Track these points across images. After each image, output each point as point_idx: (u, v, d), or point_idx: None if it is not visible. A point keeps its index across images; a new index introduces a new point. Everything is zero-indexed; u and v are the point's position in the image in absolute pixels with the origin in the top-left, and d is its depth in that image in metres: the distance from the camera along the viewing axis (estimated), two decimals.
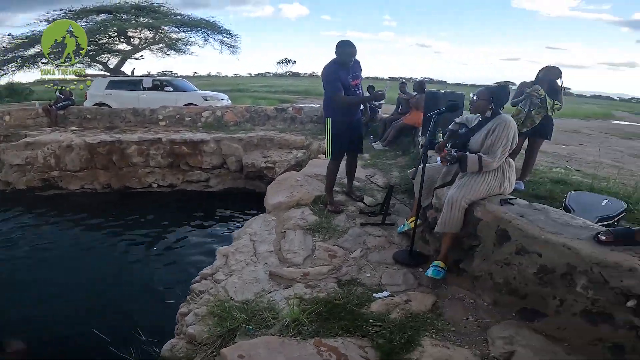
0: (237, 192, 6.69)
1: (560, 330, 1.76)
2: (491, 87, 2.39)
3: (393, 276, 2.37)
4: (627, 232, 1.73)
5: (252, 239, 2.90)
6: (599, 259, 1.67)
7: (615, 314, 1.62)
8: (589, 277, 1.70)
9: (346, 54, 3.12)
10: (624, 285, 1.58)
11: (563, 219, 1.98)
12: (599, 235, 1.74)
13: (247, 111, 8.22)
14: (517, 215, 2.04)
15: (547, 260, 1.84)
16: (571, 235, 1.84)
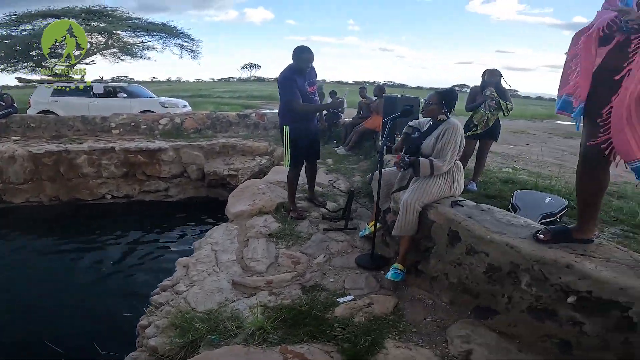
0: (199, 201, 6.54)
1: (512, 327, 1.87)
2: (441, 91, 2.51)
3: (356, 280, 2.43)
4: (563, 230, 1.85)
5: (214, 249, 2.87)
6: (539, 257, 1.76)
7: (558, 310, 1.72)
8: (531, 274, 1.79)
9: (304, 60, 3.13)
10: (563, 281, 1.68)
11: (506, 219, 2.11)
12: (538, 233, 1.86)
13: (208, 118, 8.06)
14: (466, 216, 2.15)
15: (493, 260, 1.95)
16: (513, 234, 1.95)
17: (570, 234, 1.82)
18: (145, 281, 3.83)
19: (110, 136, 7.47)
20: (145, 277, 4.00)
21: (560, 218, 2.97)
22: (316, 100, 3.37)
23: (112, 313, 3.33)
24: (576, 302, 1.64)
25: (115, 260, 4.55)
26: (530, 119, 18.56)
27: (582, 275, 1.61)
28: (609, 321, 1.55)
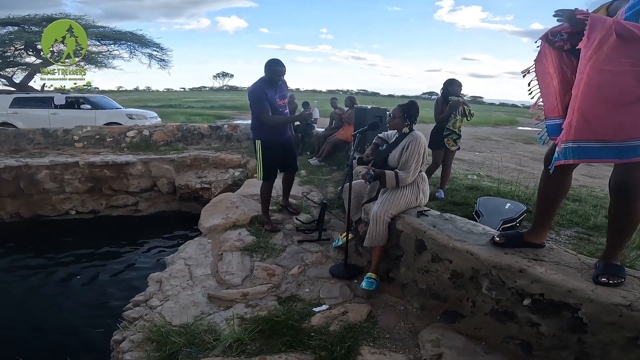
0: (171, 215, 6.47)
1: (478, 330, 1.99)
2: (403, 104, 2.67)
3: (331, 290, 2.53)
4: (516, 235, 2.02)
5: (187, 263, 2.90)
6: (495, 262, 1.89)
7: (517, 312, 1.84)
8: (490, 279, 1.92)
9: (275, 73, 3.21)
10: (518, 285, 1.81)
11: (467, 227, 2.27)
12: (494, 238, 2.02)
13: (178, 130, 8.00)
14: (431, 225, 2.30)
15: (456, 266, 2.08)
16: (473, 241, 2.09)
17: (523, 238, 1.98)
18: (116, 297, 3.77)
19: (73, 150, 7.28)
20: (116, 293, 3.94)
21: (520, 222, 3.19)
22: (287, 113, 3.46)
23: (82, 329, 3.28)
24: (531, 304, 1.77)
25: (83, 276, 4.45)
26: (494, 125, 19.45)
27: (534, 279, 1.74)
28: (562, 322, 1.68)
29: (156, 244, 5.44)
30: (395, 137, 2.67)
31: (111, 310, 2.99)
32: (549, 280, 1.70)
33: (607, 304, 1.55)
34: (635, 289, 1.61)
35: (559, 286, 1.67)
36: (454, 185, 4.44)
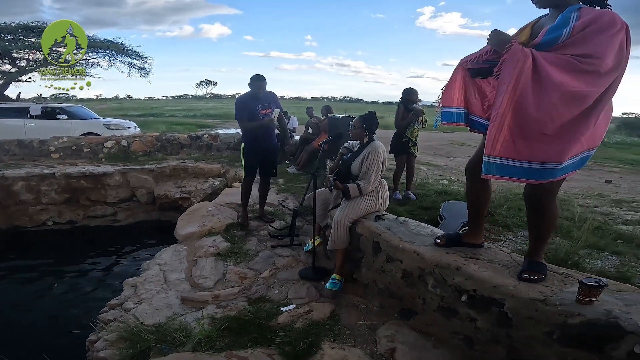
0: (150, 225, 6.60)
1: (428, 326, 2.17)
2: (363, 115, 2.94)
3: (298, 291, 2.75)
4: (455, 236, 2.28)
5: (162, 269, 3.09)
6: (437, 261, 2.10)
7: (458, 308, 2.00)
8: (434, 277, 2.13)
9: (255, 86, 3.75)
10: (456, 282, 2.00)
11: (417, 229, 2.54)
12: (437, 239, 2.27)
13: (157, 140, 8.16)
14: (385, 228, 2.56)
15: (406, 266, 2.31)
16: (420, 242, 2.32)
17: (461, 238, 2.23)
18: (93, 303, 3.88)
19: (49, 161, 7.39)
20: (93, 299, 4.07)
21: None
22: None
23: (59, 333, 3.41)
24: (468, 300, 1.95)
25: (60, 284, 4.58)
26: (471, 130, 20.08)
27: (468, 276, 1.95)
28: (493, 317, 1.84)
29: (135, 253, 5.58)
30: (358, 147, 2.94)
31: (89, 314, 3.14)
32: (480, 277, 1.90)
33: (525, 299, 1.72)
34: (555, 284, 1.80)
35: (487, 282, 1.86)
36: (425, 190, 4.75)
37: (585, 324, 1.53)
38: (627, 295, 1.67)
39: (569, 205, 4.44)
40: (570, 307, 1.60)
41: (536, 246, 1.92)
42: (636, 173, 8.69)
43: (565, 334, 1.59)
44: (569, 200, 4.82)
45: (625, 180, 7.48)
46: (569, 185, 6.13)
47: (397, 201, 4.31)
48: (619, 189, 6.25)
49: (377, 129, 2.94)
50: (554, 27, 1.65)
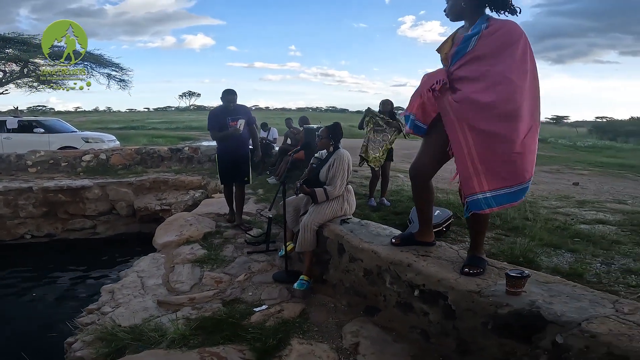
0: (130, 237, 6.68)
1: (390, 322, 2.31)
2: (329, 126, 3.18)
3: (271, 292, 2.93)
4: (408, 235, 2.48)
5: (140, 275, 3.25)
6: (392, 259, 2.28)
7: (412, 303, 2.15)
8: (390, 274, 2.29)
9: (226, 100, 4.17)
10: (408, 278, 2.15)
11: (377, 231, 2.76)
12: (392, 239, 2.48)
13: (137, 153, 8.25)
14: (349, 231, 2.78)
15: (366, 264, 2.51)
16: (379, 242, 2.52)
17: (413, 237, 2.43)
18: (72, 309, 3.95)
19: (27, 175, 7.43)
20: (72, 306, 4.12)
21: (448, 227, 3.72)
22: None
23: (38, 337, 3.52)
24: (420, 294, 2.11)
25: (39, 294, 4.66)
26: None
27: (417, 272, 2.12)
28: (440, 310, 1.97)
29: (114, 263, 5.67)
30: (326, 155, 3.18)
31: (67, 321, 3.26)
32: (427, 272, 2.08)
33: (464, 291, 1.87)
34: (491, 277, 1.94)
35: (433, 277, 2.03)
36: (400, 197, 5.00)
37: (513, 314, 1.65)
38: (553, 286, 1.81)
39: (533, 206, 4.73)
40: (500, 298, 1.73)
41: (476, 241, 2.13)
42: (604, 175, 9.14)
43: (497, 324, 1.70)
44: (534, 202, 5.13)
45: (593, 182, 7.88)
46: (537, 188, 6.48)
47: (371, 208, 4.55)
48: (585, 191, 6.62)
49: (342, 138, 3.18)
50: (466, 37, 1.92)
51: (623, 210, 4.83)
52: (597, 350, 1.37)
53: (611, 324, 1.45)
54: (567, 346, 1.44)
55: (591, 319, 1.48)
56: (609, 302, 1.63)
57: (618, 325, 1.43)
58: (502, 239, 3.52)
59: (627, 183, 8.09)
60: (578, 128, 42.79)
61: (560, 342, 1.46)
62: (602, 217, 4.43)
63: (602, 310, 1.56)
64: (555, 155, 15.75)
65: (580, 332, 1.43)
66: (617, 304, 1.61)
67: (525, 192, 1.90)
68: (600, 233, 3.72)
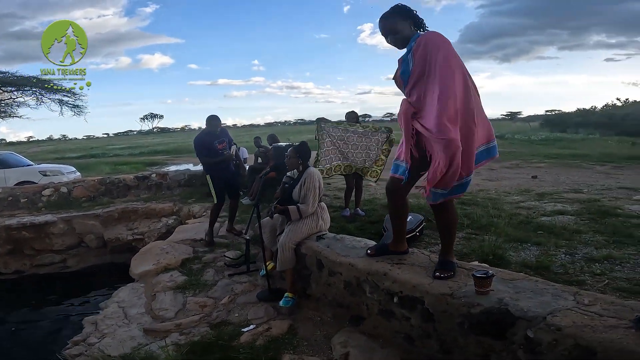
0: (103, 267, 6.49)
1: (375, 329, 2.39)
2: (296, 146, 3.30)
3: (257, 312, 2.99)
4: (382, 246, 2.60)
5: (121, 306, 3.24)
6: (368, 270, 2.38)
7: (393, 309, 2.21)
8: (369, 284, 2.38)
9: (212, 126, 4.60)
10: (386, 286, 2.24)
11: (352, 244, 2.88)
12: (368, 250, 2.59)
13: (101, 184, 8.00)
14: (325, 246, 2.89)
15: (345, 277, 2.61)
16: (355, 255, 2.63)
17: (387, 247, 2.53)
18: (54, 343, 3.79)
19: None
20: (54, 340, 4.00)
21: (421, 231, 3.89)
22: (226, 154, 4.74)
23: None
24: (399, 301, 2.19)
25: (16, 329, 4.51)
26: None
27: (394, 280, 2.21)
28: (419, 314, 2.05)
29: (90, 295, 5.50)
30: (297, 175, 3.29)
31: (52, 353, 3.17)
32: (402, 279, 2.18)
33: (437, 294, 1.96)
34: (462, 279, 2.05)
35: (408, 283, 2.14)
36: (373, 206, 5.16)
37: (484, 312, 1.74)
38: (518, 283, 1.94)
39: (497, 203, 5.02)
40: (471, 298, 1.83)
41: (446, 245, 2.26)
42: (559, 166, 9.74)
43: (471, 324, 1.79)
44: (499, 198, 5.44)
45: (550, 174, 8.40)
46: (500, 184, 6.87)
47: (346, 219, 4.68)
48: (543, 183, 7.05)
49: (310, 157, 3.31)
50: (404, 58, 2.10)
51: (580, 199, 5.20)
52: (564, 342, 1.45)
53: (573, 316, 1.56)
54: (538, 340, 1.53)
55: (555, 312, 1.59)
56: (569, 295, 1.76)
57: (580, 317, 1.54)
58: (472, 238, 3.72)
59: (582, 172, 8.66)
60: (531, 123, 45.18)
61: (531, 336, 1.55)
62: (561, 207, 4.76)
63: (563, 303, 1.68)
64: (514, 150, 16.59)
65: (546, 325, 1.53)
66: (577, 295, 1.74)
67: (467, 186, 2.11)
68: (561, 224, 4.00)
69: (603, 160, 10.60)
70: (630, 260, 2.95)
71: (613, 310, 1.56)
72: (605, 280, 2.62)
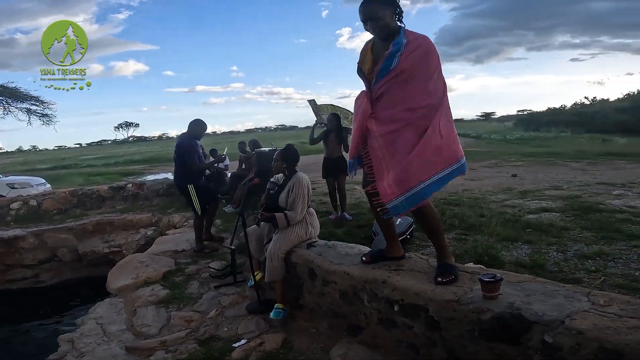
0: (79, 281, 6.20)
1: (375, 339, 2.28)
2: (281, 150, 3.16)
3: (248, 325, 2.83)
4: (378, 252, 2.47)
5: (99, 322, 3.03)
6: (365, 278, 2.27)
7: (394, 318, 2.10)
8: (367, 292, 2.27)
9: (203, 130, 4.56)
10: (385, 294, 2.13)
11: (345, 251, 2.76)
12: (362, 257, 2.47)
13: (73, 196, 7.67)
14: (317, 254, 2.76)
15: (341, 286, 2.48)
16: (349, 263, 2.50)
17: (383, 254, 2.42)
18: None
19: None
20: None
21: (411, 234, 3.82)
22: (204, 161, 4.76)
23: None
24: (400, 309, 2.08)
25: None
26: None
27: (394, 287, 2.11)
28: (423, 322, 1.95)
29: (67, 311, 5.23)
30: (284, 179, 3.14)
31: None
32: (403, 287, 2.07)
33: (442, 301, 1.86)
34: (466, 283, 1.96)
35: (410, 290, 2.03)
36: (360, 210, 5.06)
37: (495, 318, 1.66)
38: (526, 285, 1.86)
39: (482, 202, 5.02)
40: (480, 304, 1.75)
41: (440, 247, 2.16)
42: (536, 164, 9.93)
43: (482, 330, 1.71)
44: (484, 197, 5.45)
45: (528, 172, 8.52)
46: (483, 184, 6.91)
47: (334, 224, 4.56)
48: (523, 181, 7.13)
49: (298, 161, 3.15)
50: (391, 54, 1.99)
51: (561, 196, 5.27)
52: (588, 346, 1.39)
53: (593, 318, 1.49)
54: (558, 344, 1.46)
55: (572, 315, 1.52)
56: (582, 296, 1.69)
57: (600, 319, 1.48)
58: (463, 238, 3.68)
59: (558, 169, 8.83)
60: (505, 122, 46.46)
61: (549, 341, 1.48)
62: (545, 205, 4.79)
63: (578, 305, 1.61)
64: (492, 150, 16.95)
65: (566, 329, 1.46)
66: (591, 296, 1.68)
67: None
68: (548, 221, 4.02)
69: (577, 157, 10.85)
70: (622, 256, 2.95)
71: (632, 310, 1.49)
72: (602, 277, 2.59)
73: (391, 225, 2.40)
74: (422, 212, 2.09)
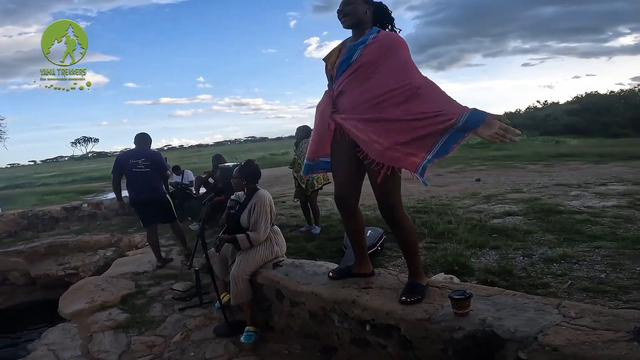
0: (34, 304, 5.78)
1: (350, 359, 2.19)
2: (241, 166, 3.00)
3: (216, 349, 2.66)
4: (345, 269, 2.41)
5: (51, 348, 2.82)
6: (334, 298, 2.18)
7: (367, 338, 2.04)
8: (337, 313, 2.19)
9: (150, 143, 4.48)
10: (356, 314, 2.06)
11: (313, 269, 2.64)
12: (330, 273, 2.40)
13: (22, 218, 7.27)
14: (283, 274, 2.64)
15: (310, 307, 2.38)
16: (317, 282, 2.41)
17: (350, 270, 2.35)
18: None
19: None
20: None
21: (382, 246, 3.76)
22: None
23: None
24: (371, 329, 2.01)
25: None
26: None
27: (364, 307, 2.03)
28: (396, 341, 1.89)
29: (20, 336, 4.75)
30: (245, 197, 2.98)
31: None
32: (373, 306, 2.00)
33: (414, 320, 1.81)
34: (436, 300, 1.91)
35: (380, 310, 1.96)
36: (331, 222, 4.97)
37: (468, 336, 1.61)
38: (496, 299, 1.83)
39: (449, 208, 5.07)
40: (451, 321, 1.70)
41: (412, 264, 2.09)
42: (498, 168, 10.22)
43: (456, 349, 1.66)
44: (451, 204, 5.52)
45: (491, 175, 8.73)
46: (450, 189, 7.02)
47: (305, 237, 4.45)
48: (487, 185, 7.30)
49: (259, 177, 3.01)
50: (352, 47, 1.95)
51: (523, 199, 5.40)
52: None
53: (566, 332, 1.46)
54: None
55: (544, 329, 1.49)
56: (553, 308, 1.67)
57: (573, 333, 1.45)
58: (433, 247, 3.65)
59: (518, 172, 9.12)
60: None
61: (524, 358, 1.44)
62: (508, 208, 4.89)
63: (550, 318, 1.58)
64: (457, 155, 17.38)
65: (540, 346, 1.42)
66: (561, 308, 1.65)
67: None
68: (512, 225, 4.07)
69: (533, 160, 11.26)
70: (586, 258, 3.01)
71: (605, 322, 1.47)
72: (568, 280, 2.62)
73: (362, 237, 2.33)
74: (401, 228, 2.04)
